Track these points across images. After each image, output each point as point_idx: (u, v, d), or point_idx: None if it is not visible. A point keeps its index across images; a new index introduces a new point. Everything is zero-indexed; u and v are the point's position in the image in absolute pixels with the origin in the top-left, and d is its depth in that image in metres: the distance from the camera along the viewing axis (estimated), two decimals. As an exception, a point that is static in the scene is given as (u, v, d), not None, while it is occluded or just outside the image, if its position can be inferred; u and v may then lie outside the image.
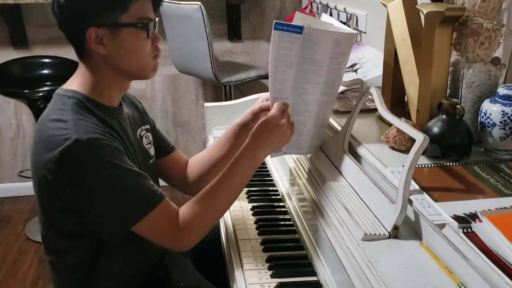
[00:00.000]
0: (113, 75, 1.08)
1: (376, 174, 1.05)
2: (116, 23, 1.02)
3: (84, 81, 1.07)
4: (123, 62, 1.06)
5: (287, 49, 1.08)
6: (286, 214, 1.28)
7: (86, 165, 0.97)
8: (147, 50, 1.07)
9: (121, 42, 1.03)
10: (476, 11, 1.10)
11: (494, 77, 1.14)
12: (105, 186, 0.98)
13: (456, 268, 0.79)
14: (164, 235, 1.04)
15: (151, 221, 1.00)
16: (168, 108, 3.19)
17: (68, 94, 1.05)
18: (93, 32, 1.01)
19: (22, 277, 2.35)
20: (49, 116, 1.02)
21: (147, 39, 1.06)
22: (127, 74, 1.10)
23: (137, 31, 1.04)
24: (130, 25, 1.03)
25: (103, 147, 0.98)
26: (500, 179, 0.98)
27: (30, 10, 2.83)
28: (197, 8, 2.35)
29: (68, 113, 1.00)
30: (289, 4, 3.10)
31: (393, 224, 0.90)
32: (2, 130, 3.04)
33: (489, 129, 1.08)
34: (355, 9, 2.10)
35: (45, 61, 2.75)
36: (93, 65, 1.07)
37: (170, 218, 1.03)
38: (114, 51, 1.04)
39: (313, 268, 1.04)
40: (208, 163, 1.33)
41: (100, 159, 0.97)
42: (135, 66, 1.08)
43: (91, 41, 1.02)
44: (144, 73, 1.10)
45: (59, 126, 0.98)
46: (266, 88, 3.52)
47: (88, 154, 0.96)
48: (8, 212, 2.96)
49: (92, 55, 1.05)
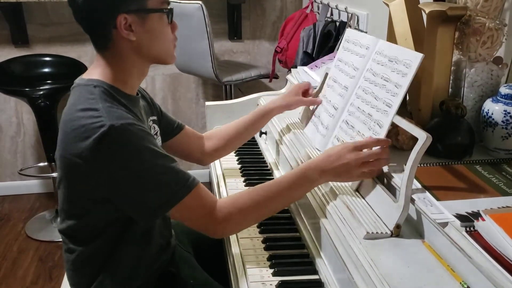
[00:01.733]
0: (138, 61, 1.09)
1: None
2: (145, 8, 1.04)
3: (106, 71, 1.07)
4: (150, 47, 1.08)
5: None
6: (287, 213, 1.28)
7: (124, 150, 0.97)
8: (170, 35, 1.11)
9: (149, 27, 1.05)
10: (478, 10, 1.10)
11: (496, 76, 1.15)
12: (143, 169, 0.99)
13: (458, 266, 0.79)
14: (200, 219, 1.05)
15: (188, 204, 1.01)
16: (168, 107, 3.18)
17: (94, 84, 1.04)
18: (123, 18, 1.02)
19: (22, 275, 2.35)
20: (77, 106, 1.01)
21: (169, 25, 1.09)
22: (153, 59, 1.12)
23: (162, 16, 1.07)
24: (157, 10, 1.06)
25: (137, 132, 0.99)
26: (502, 178, 0.98)
27: (31, 9, 2.82)
28: (198, 7, 2.35)
29: (97, 101, 1.00)
30: (290, 4, 3.10)
31: (395, 223, 0.90)
32: (2, 129, 3.04)
33: (491, 129, 1.08)
34: (356, 9, 2.10)
35: (46, 60, 2.75)
36: (118, 54, 1.07)
37: (206, 203, 1.04)
38: (142, 36, 1.05)
39: (315, 267, 1.04)
40: (227, 136, 1.43)
41: (135, 143, 0.98)
42: (162, 50, 1.10)
43: (121, 28, 1.02)
44: (168, 58, 1.13)
45: (91, 115, 0.98)
46: (266, 87, 3.51)
47: (124, 139, 0.97)
48: (8, 211, 2.96)
49: (118, 43, 1.05)
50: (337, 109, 1.23)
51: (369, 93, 1.12)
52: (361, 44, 1.23)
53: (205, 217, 1.04)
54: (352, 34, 1.29)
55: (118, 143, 0.97)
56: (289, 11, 3.08)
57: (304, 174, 1.06)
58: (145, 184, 0.99)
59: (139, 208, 1.02)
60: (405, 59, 1.03)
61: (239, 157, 1.64)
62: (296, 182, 1.07)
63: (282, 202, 1.10)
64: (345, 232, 0.93)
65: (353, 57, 1.24)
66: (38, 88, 2.49)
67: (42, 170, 3.03)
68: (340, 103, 1.23)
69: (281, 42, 2.55)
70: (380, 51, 1.14)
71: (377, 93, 1.08)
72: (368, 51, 1.18)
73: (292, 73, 1.91)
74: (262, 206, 1.07)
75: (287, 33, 2.55)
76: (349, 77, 1.23)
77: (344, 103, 1.21)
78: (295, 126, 1.45)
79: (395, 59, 1.06)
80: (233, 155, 1.66)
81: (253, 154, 1.66)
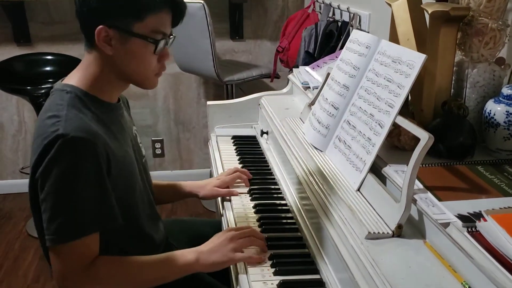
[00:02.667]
0: (113, 75, 1.08)
1: (380, 172, 1.05)
2: (128, 30, 1.02)
3: (86, 75, 1.07)
4: (125, 67, 1.06)
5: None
6: (289, 213, 1.28)
7: (59, 163, 0.95)
8: (152, 65, 1.08)
9: (128, 49, 1.03)
10: (481, 11, 1.10)
11: (498, 77, 1.15)
12: (64, 189, 0.96)
13: (460, 267, 0.79)
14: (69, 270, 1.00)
15: (74, 249, 0.98)
16: (170, 106, 3.19)
17: (67, 89, 1.04)
18: (103, 31, 1.01)
19: (24, 273, 2.36)
20: (46, 113, 1.02)
21: (154, 54, 1.06)
22: (127, 79, 1.10)
23: (147, 44, 1.04)
24: (141, 36, 1.03)
25: (83, 151, 0.96)
26: (504, 179, 0.98)
27: (33, 7, 2.83)
28: (200, 7, 2.35)
29: (64, 108, 1.00)
30: (292, 3, 3.10)
31: (397, 223, 0.90)
32: (4, 127, 3.04)
33: (493, 129, 1.08)
34: (358, 9, 2.10)
35: (47, 58, 2.76)
36: (99, 60, 1.06)
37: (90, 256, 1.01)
38: (119, 54, 1.04)
39: (316, 266, 1.04)
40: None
41: (73, 160, 0.95)
42: (136, 75, 1.08)
43: (99, 39, 1.02)
44: (143, 85, 1.11)
45: (53, 122, 0.98)
46: (267, 87, 3.51)
47: (66, 151, 0.95)
48: (10, 209, 2.96)
49: (98, 50, 1.05)
50: (338, 109, 1.23)
51: (371, 93, 1.12)
52: (361, 42, 1.23)
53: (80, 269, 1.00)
54: (355, 34, 1.29)
55: (59, 153, 0.94)
56: (290, 10, 3.08)
57: (179, 252, 1.09)
58: (59, 204, 0.96)
59: (45, 224, 0.98)
60: (408, 60, 1.03)
61: (240, 156, 1.64)
62: (170, 257, 1.08)
63: (157, 279, 1.07)
64: (346, 232, 0.93)
65: (352, 56, 1.24)
66: (40, 86, 2.49)
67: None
68: (340, 103, 1.22)
69: (282, 41, 2.55)
70: (383, 51, 1.14)
71: (380, 94, 1.08)
72: (369, 50, 1.18)
73: (293, 73, 1.91)
74: (136, 278, 1.05)
75: (288, 32, 2.55)
76: (348, 75, 1.23)
77: (345, 103, 1.21)
78: (297, 126, 1.45)
79: (398, 59, 1.06)
80: (235, 155, 1.66)
81: (255, 154, 1.67)
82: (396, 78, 1.05)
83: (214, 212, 2.72)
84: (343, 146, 1.16)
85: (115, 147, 1.06)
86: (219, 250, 1.08)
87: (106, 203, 1.01)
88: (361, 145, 1.09)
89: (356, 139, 1.11)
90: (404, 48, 1.08)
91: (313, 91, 1.63)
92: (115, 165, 1.03)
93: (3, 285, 2.27)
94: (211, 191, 1.40)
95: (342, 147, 1.17)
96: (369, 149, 1.06)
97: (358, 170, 1.06)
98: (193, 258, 1.07)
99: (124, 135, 1.15)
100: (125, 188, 1.10)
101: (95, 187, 0.98)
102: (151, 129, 3.19)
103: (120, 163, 1.06)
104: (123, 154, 1.10)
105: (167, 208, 2.94)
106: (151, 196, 1.25)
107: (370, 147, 1.05)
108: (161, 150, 3.25)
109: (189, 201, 3.03)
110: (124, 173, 1.08)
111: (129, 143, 1.16)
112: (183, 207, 2.98)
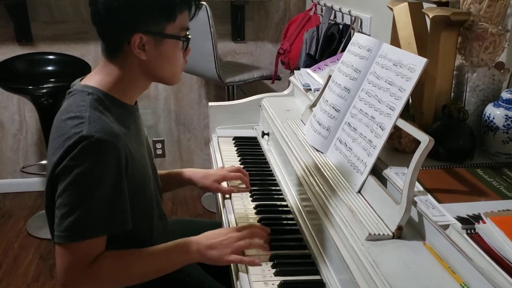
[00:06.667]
0: (142, 78, 1.09)
1: (380, 174, 1.06)
2: (163, 33, 1.03)
3: (107, 79, 1.07)
4: (158, 69, 1.08)
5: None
6: (289, 214, 1.29)
7: (81, 163, 0.96)
8: (180, 61, 1.10)
9: (162, 50, 1.05)
10: (481, 16, 1.11)
11: (498, 81, 1.16)
12: (75, 191, 0.97)
13: (459, 268, 0.80)
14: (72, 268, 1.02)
15: (83, 248, 1.00)
16: (171, 107, 3.20)
17: (88, 90, 1.04)
18: (139, 37, 1.02)
19: (23, 272, 2.36)
20: (68, 114, 1.01)
21: (182, 50, 1.09)
22: (158, 79, 1.12)
23: (178, 43, 1.07)
24: (174, 37, 1.05)
25: (105, 153, 0.97)
26: (503, 182, 0.99)
27: (35, 7, 2.83)
28: (202, 8, 2.35)
29: (86, 109, 1.00)
30: (293, 6, 3.11)
31: (397, 225, 0.91)
32: (5, 126, 3.05)
33: (492, 133, 1.09)
34: (359, 12, 2.11)
35: (49, 58, 2.76)
36: (125, 67, 1.06)
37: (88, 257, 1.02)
38: (153, 57, 1.05)
39: (317, 267, 1.05)
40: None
41: (96, 162, 0.96)
42: (167, 74, 1.10)
43: (134, 46, 1.02)
44: (172, 81, 1.13)
45: (76, 123, 0.98)
46: (268, 89, 3.52)
47: (90, 152, 0.96)
48: (10, 208, 2.97)
49: (128, 57, 1.05)
50: (339, 111, 1.24)
51: (372, 96, 1.13)
52: (362, 45, 1.24)
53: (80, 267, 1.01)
54: (357, 36, 1.30)
55: (83, 153, 0.95)
56: (292, 13, 3.09)
57: (182, 241, 1.10)
58: (78, 201, 0.97)
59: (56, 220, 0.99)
60: (409, 63, 1.04)
61: (241, 157, 1.65)
62: (172, 248, 1.09)
63: (156, 271, 1.09)
64: (347, 233, 0.94)
65: (354, 58, 1.25)
66: (41, 86, 2.50)
67: (43, 168, 3.04)
68: (342, 105, 1.24)
69: (284, 43, 2.56)
70: (384, 55, 1.15)
71: (381, 96, 1.09)
72: (370, 53, 1.20)
73: (295, 75, 1.92)
74: (138, 272, 1.07)
75: (290, 34, 2.57)
76: (349, 78, 1.24)
77: (346, 105, 1.22)
78: (298, 128, 1.46)
79: (400, 63, 1.07)
80: (236, 156, 1.67)
81: (255, 155, 1.67)
82: (397, 81, 1.06)
83: (214, 213, 2.73)
84: (344, 148, 1.17)
85: (133, 149, 1.07)
86: (217, 248, 1.09)
87: (120, 207, 1.02)
88: (362, 147, 1.10)
89: (357, 141, 1.13)
90: (405, 51, 1.09)
91: (314, 93, 1.64)
92: (132, 166, 1.05)
93: (3, 284, 2.28)
94: (212, 185, 1.41)
95: (343, 149, 1.18)
96: (370, 151, 1.07)
97: (359, 172, 1.08)
98: (193, 250, 1.09)
99: (141, 137, 1.16)
100: (139, 189, 1.10)
101: (112, 190, 0.99)
102: (152, 129, 3.20)
103: (137, 164, 1.07)
104: (140, 155, 1.11)
105: (167, 208, 2.95)
106: (159, 197, 1.26)
107: (371, 149, 1.06)
108: (162, 150, 3.26)
109: (189, 201, 3.04)
110: (138, 175, 1.09)
111: (144, 144, 1.18)
112: (183, 207, 2.99)
